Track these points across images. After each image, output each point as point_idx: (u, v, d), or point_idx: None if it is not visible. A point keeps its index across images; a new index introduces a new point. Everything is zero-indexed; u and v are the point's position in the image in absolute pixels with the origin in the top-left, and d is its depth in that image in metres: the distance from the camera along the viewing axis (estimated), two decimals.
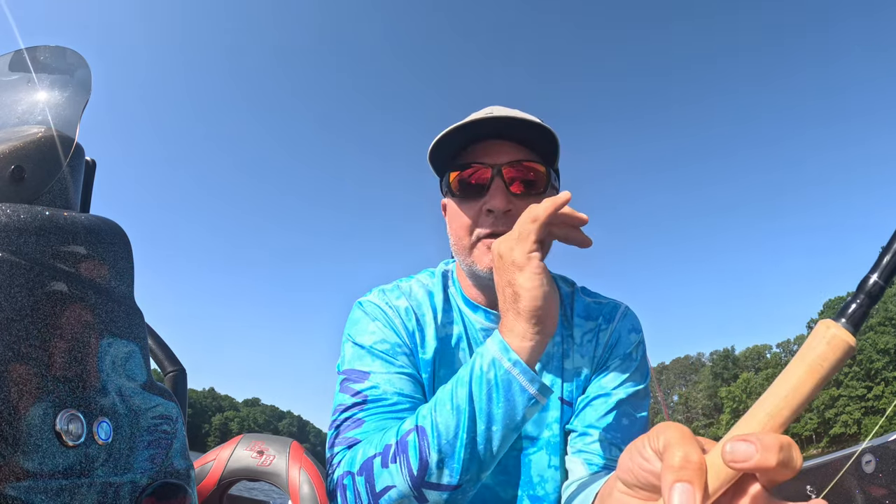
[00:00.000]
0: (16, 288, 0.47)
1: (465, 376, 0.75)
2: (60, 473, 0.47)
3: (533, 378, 0.72)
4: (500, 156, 0.90)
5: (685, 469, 0.36)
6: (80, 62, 0.75)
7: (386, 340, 0.92)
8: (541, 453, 0.96)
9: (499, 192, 0.88)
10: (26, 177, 0.60)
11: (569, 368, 0.98)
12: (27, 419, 0.45)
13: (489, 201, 0.89)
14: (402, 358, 0.92)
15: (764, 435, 0.36)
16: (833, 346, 0.38)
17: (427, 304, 0.99)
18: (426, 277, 1.05)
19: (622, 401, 0.92)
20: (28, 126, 0.68)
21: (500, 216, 0.89)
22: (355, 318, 0.98)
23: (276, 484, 2.38)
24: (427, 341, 0.96)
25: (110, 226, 0.60)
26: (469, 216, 0.91)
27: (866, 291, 0.41)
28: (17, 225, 0.50)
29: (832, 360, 0.38)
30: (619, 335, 0.99)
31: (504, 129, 0.90)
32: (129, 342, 0.57)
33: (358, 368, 0.91)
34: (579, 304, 1.04)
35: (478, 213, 0.90)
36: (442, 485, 0.72)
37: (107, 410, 0.53)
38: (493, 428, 0.72)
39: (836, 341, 0.38)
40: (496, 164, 0.89)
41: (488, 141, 0.92)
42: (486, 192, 0.90)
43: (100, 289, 0.55)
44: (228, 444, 2.51)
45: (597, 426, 0.91)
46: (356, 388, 0.88)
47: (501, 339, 0.74)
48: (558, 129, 0.90)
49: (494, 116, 0.88)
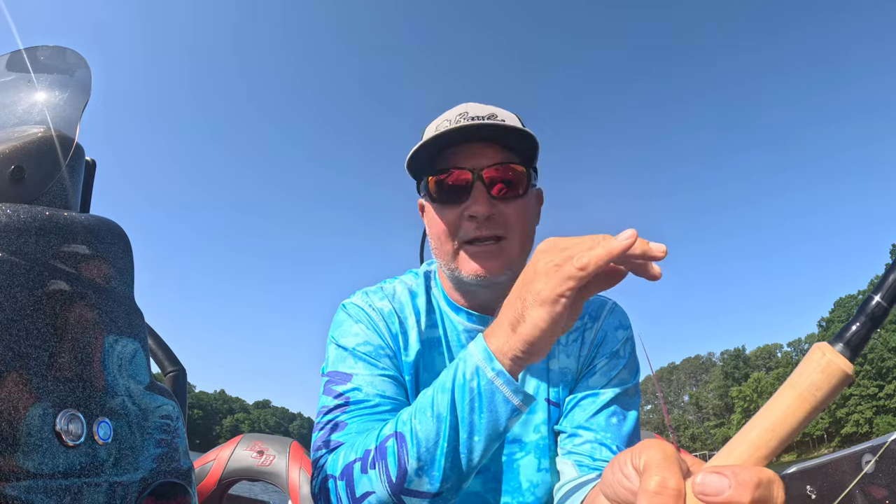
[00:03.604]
0: (16, 288, 0.47)
1: (446, 382, 0.72)
2: (60, 473, 0.47)
3: (517, 389, 0.69)
4: (479, 158, 0.89)
5: (660, 495, 0.34)
6: (80, 62, 0.75)
7: (369, 342, 0.93)
8: (529, 457, 0.94)
9: (480, 197, 0.87)
10: (26, 177, 0.60)
11: (554, 369, 0.97)
12: (27, 419, 0.45)
13: (471, 206, 0.87)
14: (385, 360, 0.92)
15: (741, 469, 0.33)
16: (827, 374, 0.35)
17: (410, 305, 0.99)
18: (410, 278, 1.04)
19: (611, 400, 0.91)
20: (28, 126, 0.68)
21: (482, 221, 0.88)
22: (339, 320, 0.98)
23: (276, 484, 2.38)
24: (410, 343, 0.96)
25: (110, 226, 0.60)
26: (450, 221, 0.90)
27: (868, 313, 0.37)
28: (17, 225, 0.50)
29: (825, 389, 0.35)
30: (606, 333, 0.98)
31: (482, 130, 0.88)
32: (129, 342, 0.58)
33: (341, 370, 0.91)
34: None
35: (459, 217, 0.89)
36: (422, 492, 0.71)
37: (114, 411, 0.53)
38: (475, 438, 0.70)
39: (832, 368, 0.35)
40: (476, 167, 0.88)
41: (466, 144, 0.90)
42: (466, 197, 0.88)
43: (100, 289, 0.56)
44: (228, 444, 2.50)
45: (586, 427, 0.90)
46: (339, 391, 0.88)
47: (486, 346, 0.69)
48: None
49: (476, 124, 0.86)
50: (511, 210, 0.89)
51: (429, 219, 0.96)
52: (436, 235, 0.93)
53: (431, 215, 0.94)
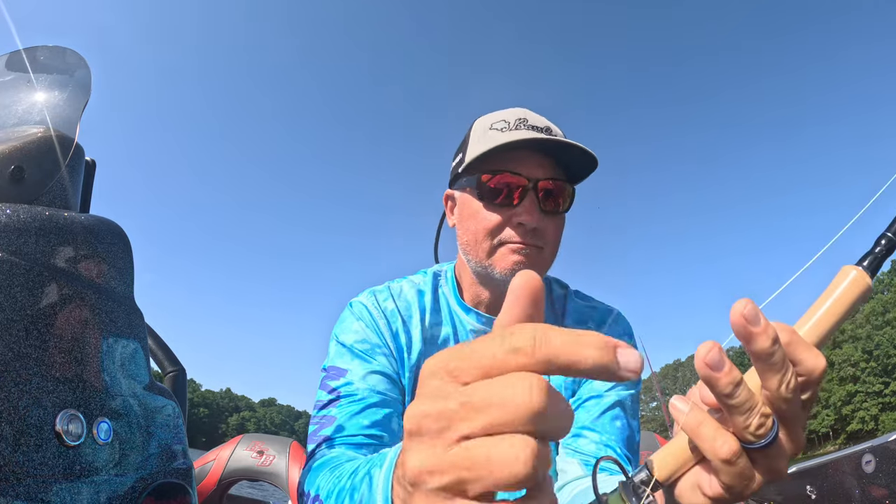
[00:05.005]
0: (16, 288, 0.47)
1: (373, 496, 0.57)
2: (60, 473, 0.47)
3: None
4: (536, 169, 0.90)
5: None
6: (80, 62, 0.75)
7: (367, 340, 0.95)
8: None
9: (532, 208, 0.88)
10: (26, 177, 0.60)
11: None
12: (27, 419, 0.45)
13: (522, 215, 0.88)
14: (381, 357, 0.94)
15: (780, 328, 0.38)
16: (855, 285, 0.42)
17: (416, 304, 1.00)
18: (419, 277, 1.06)
19: (615, 403, 0.93)
20: (28, 126, 0.67)
21: (528, 231, 0.89)
22: (343, 317, 1.01)
23: (276, 484, 2.38)
24: (413, 342, 0.98)
25: (110, 226, 0.60)
26: (496, 222, 0.90)
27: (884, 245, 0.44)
28: (17, 225, 0.50)
29: (852, 297, 0.42)
30: None
31: (547, 143, 0.88)
32: (129, 342, 0.57)
33: (338, 366, 0.94)
34: (571, 307, 1.04)
35: (505, 221, 0.90)
36: None
37: (114, 411, 0.53)
38: None
39: (858, 280, 0.42)
40: (532, 177, 0.89)
41: (527, 150, 0.91)
42: (517, 204, 0.89)
43: (99, 289, 0.55)
44: (228, 444, 2.50)
45: (591, 427, 0.91)
46: (332, 386, 0.92)
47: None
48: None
49: (555, 140, 0.87)
50: (553, 225, 0.91)
51: (467, 212, 0.95)
52: (474, 231, 0.93)
53: (472, 210, 0.93)
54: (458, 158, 0.99)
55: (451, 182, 1.00)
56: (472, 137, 0.96)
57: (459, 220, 0.98)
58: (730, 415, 0.38)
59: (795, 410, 0.38)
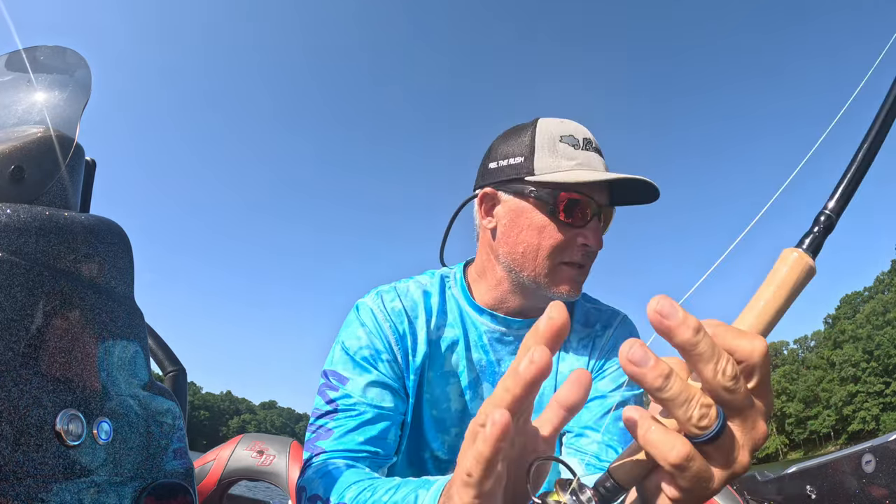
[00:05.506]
0: (16, 288, 0.47)
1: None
2: (60, 473, 0.47)
3: None
4: (601, 194, 0.94)
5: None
6: (80, 62, 0.75)
7: (369, 347, 0.95)
8: None
9: (598, 231, 0.93)
10: (26, 177, 0.60)
11: (563, 371, 0.98)
12: (27, 419, 0.45)
13: (589, 237, 0.92)
14: (383, 365, 0.94)
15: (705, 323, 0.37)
16: (798, 267, 0.42)
17: (422, 305, 1.00)
18: (426, 278, 1.05)
19: (619, 404, 0.93)
20: (28, 126, 0.67)
21: (590, 252, 0.94)
22: (349, 320, 1.01)
23: (276, 484, 2.38)
24: (418, 342, 0.97)
25: (110, 226, 0.60)
26: (561, 240, 0.92)
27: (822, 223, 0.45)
28: (17, 225, 0.50)
29: (793, 279, 0.42)
30: (617, 341, 1.00)
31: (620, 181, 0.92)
32: (129, 342, 0.58)
33: (339, 371, 0.94)
34: (578, 309, 1.05)
35: (570, 240, 0.92)
36: None
37: (114, 411, 0.53)
38: None
39: (801, 263, 0.42)
40: (601, 204, 0.93)
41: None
42: (584, 226, 0.92)
43: (100, 289, 0.56)
44: (228, 444, 2.51)
45: (594, 427, 0.91)
46: (331, 396, 0.92)
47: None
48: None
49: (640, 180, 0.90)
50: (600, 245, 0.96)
51: (526, 223, 0.93)
52: (536, 246, 0.92)
53: (534, 223, 0.93)
54: (515, 160, 0.94)
55: (496, 182, 0.96)
56: (538, 143, 0.93)
57: (510, 227, 0.94)
58: (668, 410, 0.36)
59: (741, 399, 0.37)
